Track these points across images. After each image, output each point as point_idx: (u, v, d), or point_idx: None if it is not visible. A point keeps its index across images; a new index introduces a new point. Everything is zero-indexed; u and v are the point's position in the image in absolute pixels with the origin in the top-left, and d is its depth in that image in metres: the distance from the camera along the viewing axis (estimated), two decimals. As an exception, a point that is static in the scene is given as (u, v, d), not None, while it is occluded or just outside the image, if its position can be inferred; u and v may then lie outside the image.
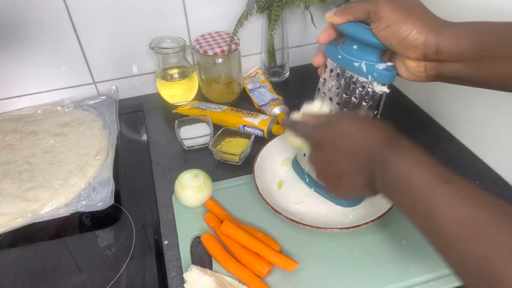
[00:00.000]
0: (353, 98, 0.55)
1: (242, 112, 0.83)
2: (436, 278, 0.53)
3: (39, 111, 0.89)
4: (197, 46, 0.86)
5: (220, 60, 0.86)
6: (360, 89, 0.53)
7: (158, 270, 0.58)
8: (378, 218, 0.57)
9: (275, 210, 0.59)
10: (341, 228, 0.57)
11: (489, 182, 0.68)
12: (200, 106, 0.88)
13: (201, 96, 0.94)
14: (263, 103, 0.87)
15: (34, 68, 0.87)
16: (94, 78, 0.93)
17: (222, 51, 0.84)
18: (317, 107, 0.57)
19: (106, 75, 0.93)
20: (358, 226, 0.57)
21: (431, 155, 0.39)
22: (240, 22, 0.84)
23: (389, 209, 0.58)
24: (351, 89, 0.54)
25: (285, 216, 0.58)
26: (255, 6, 0.84)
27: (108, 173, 0.73)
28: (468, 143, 0.75)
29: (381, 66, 0.50)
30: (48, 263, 0.61)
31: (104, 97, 0.93)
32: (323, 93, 0.59)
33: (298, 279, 0.54)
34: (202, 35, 0.89)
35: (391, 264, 0.55)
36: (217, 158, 0.76)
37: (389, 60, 0.51)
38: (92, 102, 0.91)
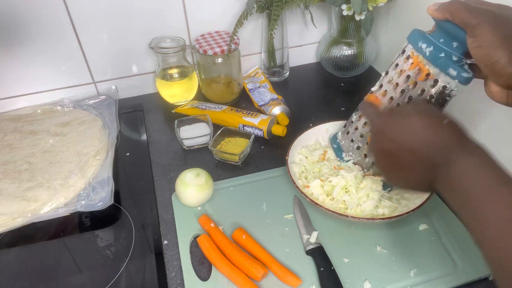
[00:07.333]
0: (417, 94, 0.54)
1: (242, 112, 0.83)
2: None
3: (38, 111, 0.88)
4: (197, 46, 0.86)
5: (220, 60, 0.86)
6: (431, 83, 0.53)
7: (157, 270, 0.58)
8: (382, 218, 0.57)
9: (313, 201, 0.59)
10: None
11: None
12: (200, 106, 0.88)
13: (201, 96, 0.94)
14: (263, 102, 0.87)
15: (33, 67, 0.87)
16: (94, 78, 0.92)
17: (222, 51, 0.84)
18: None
19: (105, 75, 0.93)
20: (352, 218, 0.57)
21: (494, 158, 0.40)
22: (240, 22, 0.84)
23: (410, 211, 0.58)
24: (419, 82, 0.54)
25: (326, 209, 0.58)
26: (255, 6, 0.84)
27: (108, 173, 0.73)
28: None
29: (466, 74, 0.50)
30: (47, 263, 0.61)
31: (103, 96, 0.93)
32: (391, 78, 0.58)
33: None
34: (202, 35, 0.89)
35: (395, 262, 0.56)
36: (217, 158, 0.76)
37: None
38: (91, 102, 0.91)
